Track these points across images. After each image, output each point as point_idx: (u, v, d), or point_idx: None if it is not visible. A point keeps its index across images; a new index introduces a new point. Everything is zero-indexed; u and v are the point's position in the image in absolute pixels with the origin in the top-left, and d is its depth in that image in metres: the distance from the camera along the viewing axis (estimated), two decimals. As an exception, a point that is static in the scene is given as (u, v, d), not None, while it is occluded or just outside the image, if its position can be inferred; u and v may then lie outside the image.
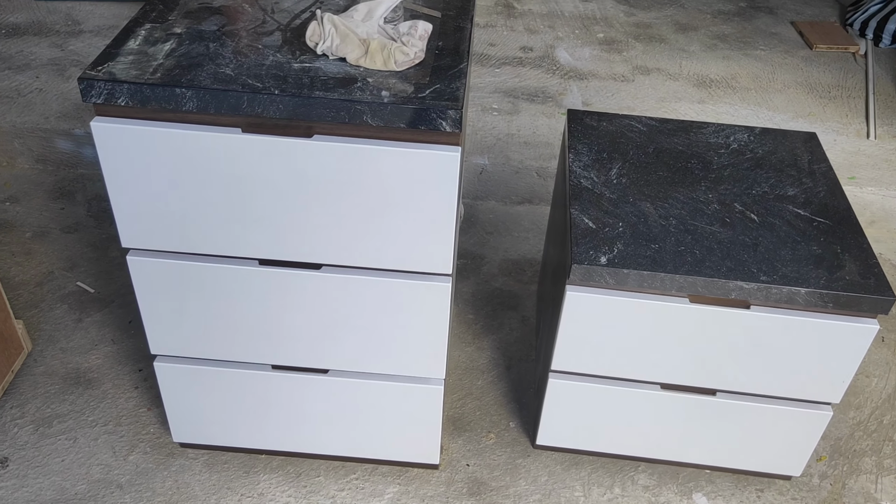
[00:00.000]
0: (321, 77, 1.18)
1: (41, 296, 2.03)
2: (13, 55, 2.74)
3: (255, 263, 1.34)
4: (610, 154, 1.63)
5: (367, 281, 1.33)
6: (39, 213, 2.30)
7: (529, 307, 2.08)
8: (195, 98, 1.15)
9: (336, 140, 1.18)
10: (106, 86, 1.14)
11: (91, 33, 2.91)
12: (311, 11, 1.35)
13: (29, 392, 1.78)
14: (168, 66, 1.18)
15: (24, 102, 2.51)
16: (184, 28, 1.29)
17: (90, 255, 2.17)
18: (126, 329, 1.95)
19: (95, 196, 2.38)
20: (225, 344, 1.45)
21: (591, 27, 3.23)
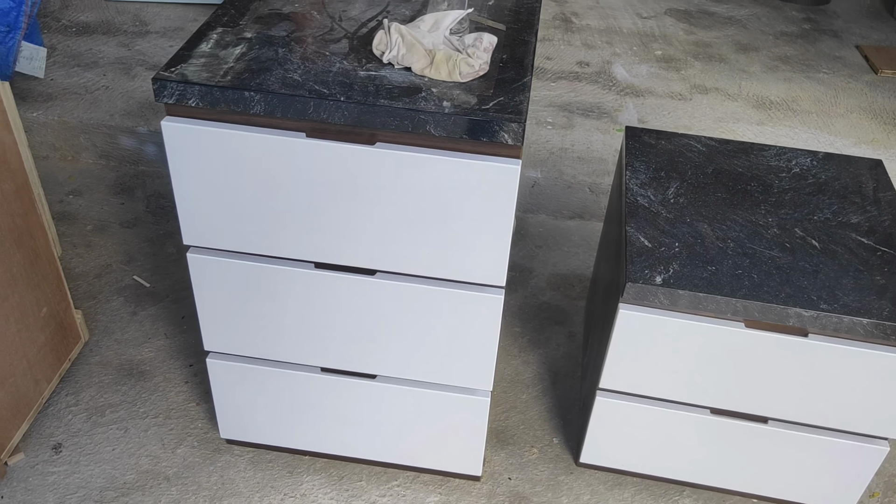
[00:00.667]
0: (386, 86, 1.19)
1: (99, 287, 2.09)
2: (82, 53, 2.83)
3: (311, 266, 1.36)
4: (668, 173, 1.62)
5: (421, 289, 1.34)
6: (100, 207, 2.36)
7: (577, 323, 2.07)
8: (263, 102, 1.17)
9: (398, 148, 1.19)
10: (178, 87, 1.17)
11: (157, 34, 2.98)
12: (378, 20, 1.37)
13: (84, 381, 1.83)
14: (238, 70, 1.21)
15: (91, 99, 2.58)
16: (254, 33, 1.31)
17: (147, 250, 2.22)
18: (179, 324, 1.99)
19: (154, 193, 2.43)
20: (276, 344, 1.47)
21: (649, 44, 3.21)
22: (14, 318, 1.59)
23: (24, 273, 1.61)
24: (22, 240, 1.59)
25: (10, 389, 1.60)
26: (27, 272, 1.62)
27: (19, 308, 1.60)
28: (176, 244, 2.24)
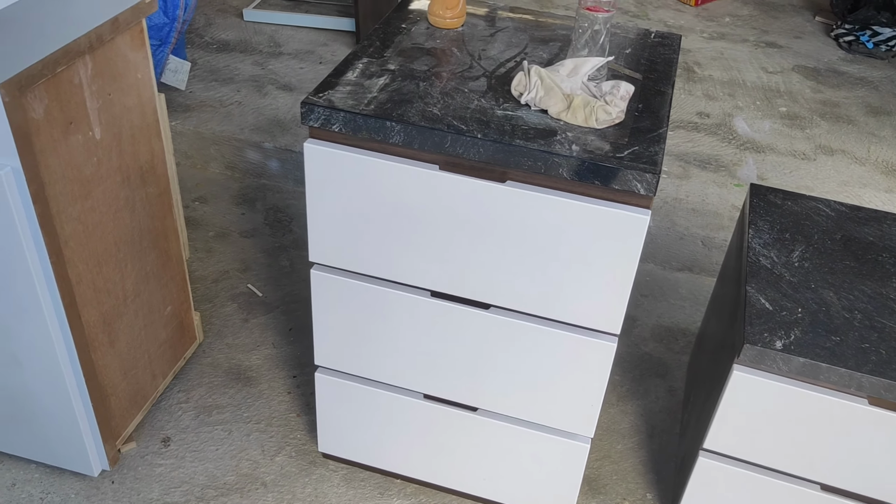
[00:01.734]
0: (522, 126, 1.22)
1: (216, 292, 2.19)
2: (220, 69, 3.00)
3: (428, 294, 1.39)
4: (793, 235, 1.57)
5: (533, 328, 1.34)
6: (223, 216, 2.48)
7: (679, 378, 2.02)
8: (403, 132, 1.21)
9: (528, 188, 1.21)
10: (324, 112, 1.23)
11: (289, 56, 3.13)
12: (516, 61, 1.40)
13: (195, 380, 1.91)
14: (381, 100, 1.26)
15: (224, 113, 2.73)
16: (397, 65, 1.37)
17: (262, 260, 2.31)
18: (286, 335, 2.06)
19: (273, 206, 2.54)
20: (384, 366, 1.50)
21: (773, 99, 3.14)
22: (142, 314, 1.69)
23: (156, 272, 1.71)
24: (157, 241, 1.69)
25: (131, 380, 1.70)
26: (158, 272, 1.72)
27: (147, 305, 1.70)
28: (290, 258, 2.33)
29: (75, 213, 1.41)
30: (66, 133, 1.34)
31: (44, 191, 1.31)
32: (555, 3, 3.78)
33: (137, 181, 1.58)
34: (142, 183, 1.59)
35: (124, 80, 1.47)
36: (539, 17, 1.59)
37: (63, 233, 1.38)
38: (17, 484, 1.64)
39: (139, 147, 1.56)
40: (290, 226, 2.46)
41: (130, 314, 1.65)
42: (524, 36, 1.50)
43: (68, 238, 1.40)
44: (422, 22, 1.52)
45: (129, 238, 1.58)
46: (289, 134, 2.65)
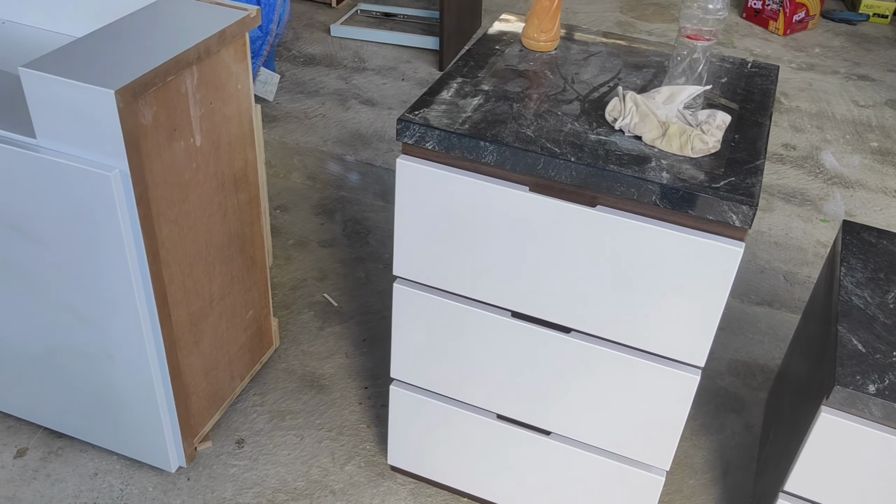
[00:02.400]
0: (616, 151, 1.21)
1: (293, 299, 2.23)
2: (306, 82, 3.08)
3: (508, 315, 1.39)
4: (888, 276, 1.52)
5: (614, 355, 1.33)
6: (302, 225, 2.54)
7: (756, 415, 1.96)
8: (496, 153, 1.22)
9: (619, 214, 1.20)
10: (419, 129, 1.26)
11: (373, 71, 3.19)
12: (610, 86, 1.40)
13: (270, 384, 1.95)
14: (475, 120, 1.27)
15: (309, 124, 2.80)
16: (491, 86, 1.38)
17: (339, 270, 2.35)
18: (359, 346, 2.09)
19: (351, 218, 2.58)
20: (459, 383, 1.51)
21: (864, 134, 3.04)
22: (226, 317, 1.74)
23: (241, 277, 1.76)
24: (244, 247, 1.74)
25: (211, 381, 1.74)
26: (243, 277, 1.77)
27: (231, 308, 1.75)
28: (365, 269, 2.36)
29: (173, 215, 1.46)
30: (171, 139, 1.40)
31: (147, 193, 1.37)
32: (637, 27, 3.76)
33: (231, 187, 1.63)
34: (234, 189, 1.65)
35: (226, 90, 1.52)
36: (632, 42, 1.58)
37: (161, 234, 1.44)
38: (99, 474, 1.71)
39: (234, 155, 1.61)
40: (367, 238, 2.49)
41: (215, 316, 1.69)
42: (617, 61, 1.50)
43: (165, 239, 1.45)
44: (515, 44, 1.54)
45: (219, 242, 1.64)
46: (370, 148, 2.69)
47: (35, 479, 1.68)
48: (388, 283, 2.31)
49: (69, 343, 1.56)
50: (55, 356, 1.60)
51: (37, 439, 1.76)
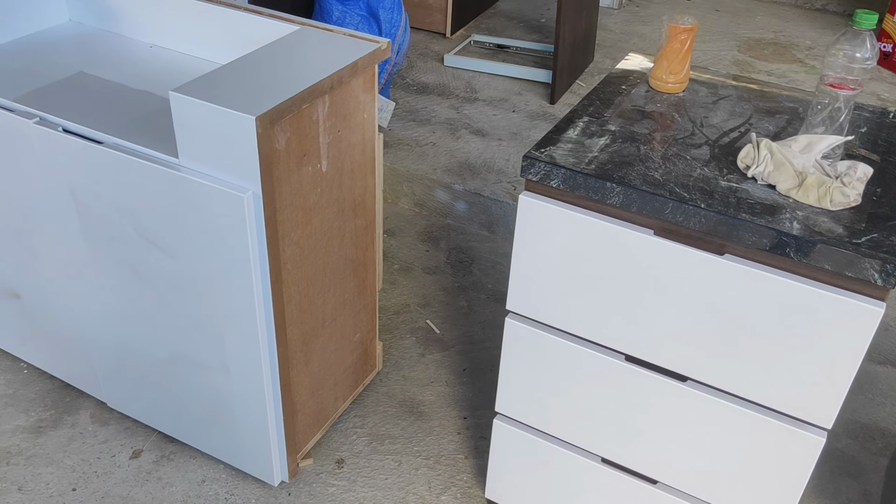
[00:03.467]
0: (748, 200, 1.18)
1: (396, 324, 2.26)
2: (419, 110, 3.14)
3: (622, 358, 1.36)
4: None
5: (733, 409, 1.28)
6: (408, 250, 2.57)
7: (874, 482, 1.85)
8: (622, 195, 1.21)
9: (748, 264, 1.16)
10: (545, 167, 1.26)
11: (484, 102, 3.22)
12: (740, 132, 1.37)
13: (371, 407, 1.98)
14: (602, 160, 1.26)
15: (419, 152, 2.85)
16: (617, 126, 1.37)
17: (442, 298, 2.37)
18: (460, 375, 2.09)
19: (456, 246, 2.60)
20: (565, 423, 1.49)
21: None
22: (335, 338, 1.78)
23: (352, 300, 1.79)
24: (357, 270, 1.78)
25: (317, 399, 1.78)
26: (354, 300, 1.80)
27: (340, 330, 1.79)
28: (468, 299, 2.37)
29: (296, 237, 1.51)
30: (300, 164, 1.45)
31: (275, 215, 1.42)
32: (755, 67, 3.66)
33: (350, 213, 1.67)
34: (353, 215, 1.69)
35: (353, 119, 1.57)
36: (764, 87, 1.54)
37: (284, 255, 1.49)
38: (206, 481, 1.76)
39: (356, 181, 1.66)
40: (471, 268, 2.51)
41: (325, 337, 1.73)
42: (748, 106, 1.46)
43: (287, 260, 1.50)
44: (641, 84, 1.52)
45: (334, 265, 1.68)
46: (478, 178, 2.71)
47: (147, 482, 1.75)
48: (490, 313, 2.31)
49: (190, 353, 1.63)
50: (176, 364, 1.67)
51: (151, 442, 1.84)
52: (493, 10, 4.14)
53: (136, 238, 1.52)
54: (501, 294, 2.40)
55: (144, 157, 1.42)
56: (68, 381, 1.93)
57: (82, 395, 1.94)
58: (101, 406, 1.91)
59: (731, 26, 4.09)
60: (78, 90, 1.63)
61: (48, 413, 1.89)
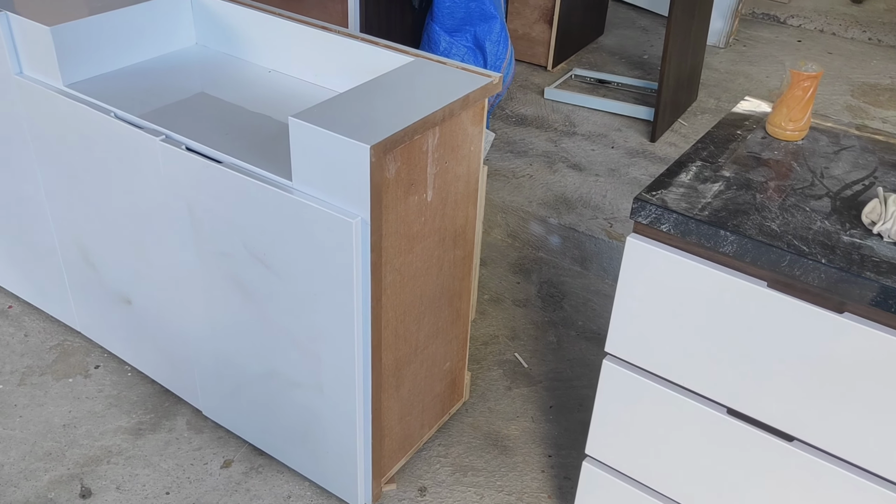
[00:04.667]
0: (873, 258, 1.13)
1: (484, 354, 2.26)
2: (516, 141, 3.15)
3: (724, 411, 1.32)
4: None
5: (843, 475, 1.22)
6: (498, 281, 2.57)
7: None
8: (736, 244, 1.18)
9: (870, 325, 1.11)
10: (656, 210, 1.24)
11: (582, 136, 3.21)
12: (864, 184, 1.31)
13: (456, 437, 1.97)
14: (715, 207, 1.24)
15: (515, 184, 2.85)
16: (732, 173, 1.34)
17: (531, 332, 2.35)
18: (546, 412, 2.07)
19: (548, 280, 2.58)
20: (658, 472, 1.45)
21: None
22: (426, 366, 1.79)
23: (445, 329, 1.80)
24: (452, 300, 1.79)
25: (404, 425, 1.79)
26: (447, 328, 1.81)
27: (432, 357, 1.80)
28: (557, 334, 2.35)
29: (397, 264, 1.53)
30: (407, 193, 1.48)
31: (380, 242, 1.44)
32: (870, 114, 3.52)
33: (450, 243, 1.69)
34: (453, 245, 1.70)
35: (460, 150, 1.59)
36: (890, 138, 1.48)
37: (385, 280, 1.51)
38: (292, 497, 1.79)
39: (458, 212, 1.67)
40: (562, 303, 2.48)
41: (417, 364, 1.75)
42: (872, 158, 1.40)
43: (387, 286, 1.53)
44: (757, 130, 1.48)
45: (431, 293, 1.69)
46: (573, 213, 2.70)
47: (236, 492, 1.79)
48: (579, 351, 2.28)
49: (286, 370, 1.67)
50: (271, 379, 1.71)
51: (242, 454, 1.89)
52: (596, 45, 4.13)
53: (245, 255, 1.57)
54: (592, 332, 2.36)
55: (260, 178, 1.48)
56: (168, 386, 2.01)
57: (180, 402, 2.01)
58: (196, 414, 1.98)
59: (845, 70, 3.95)
60: (199, 110, 1.71)
61: (148, 416, 1.97)
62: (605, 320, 2.41)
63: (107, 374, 2.09)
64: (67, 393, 2.02)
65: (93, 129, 1.69)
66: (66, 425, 1.94)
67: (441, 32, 2.68)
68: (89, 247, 1.92)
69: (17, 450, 1.87)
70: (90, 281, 1.99)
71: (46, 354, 2.14)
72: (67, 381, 2.06)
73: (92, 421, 1.95)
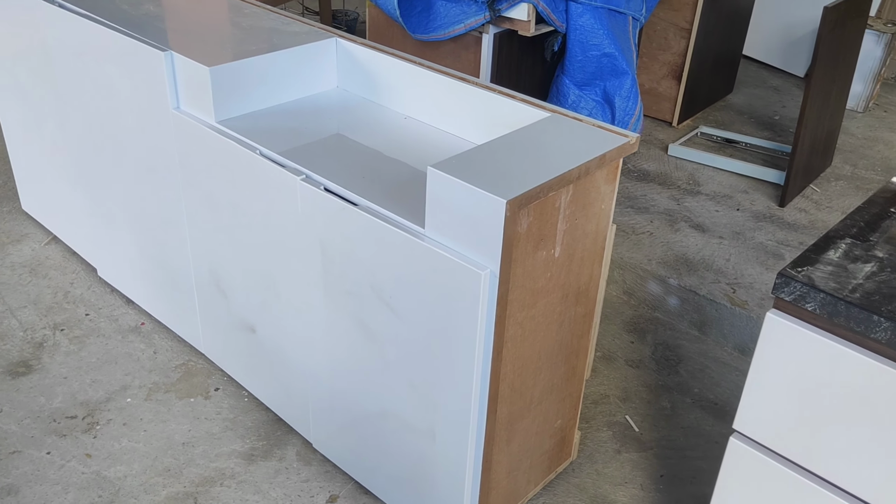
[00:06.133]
0: None
1: (594, 414, 2.20)
2: (637, 197, 3.10)
3: (863, 507, 1.23)
4: None
5: None
6: (612, 339, 2.52)
7: None
8: (891, 331, 1.11)
9: None
10: (801, 288, 1.18)
11: (706, 196, 3.13)
12: None
13: (561, 497, 1.93)
14: (868, 289, 1.17)
15: (635, 240, 2.80)
16: (885, 253, 1.27)
17: (643, 395, 2.28)
18: (656, 481, 1.99)
19: (663, 342, 2.51)
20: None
21: None
22: (538, 422, 1.76)
23: (559, 385, 1.78)
24: (569, 357, 1.76)
25: (511, 480, 1.77)
26: (561, 385, 1.78)
27: (544, 414, 1.77)
28: (671, 400, 2.27)
29: (520, 318, 1.53)
30: (536, 248, 1.47)
31: (507, 295, 1.44)
32: None
33: (572, 299, 1.67)
34: (575, 301, 1.68)
35: (591, 208, 1.58)
36: None
37: (507, 334, 1.51)
38: (394, 540, 1.79)
39: (583, 269, 1.65)
40: (678, 367, 2.40)
41: (529, 419, 1.72)
42: None
43: (509, 339, 1.52)
44: (913, 208, 1.40)
45: (549, 349, 1.67)
46: (695, 275, 2.62)
47: (340, 528, 1.81)
48: (694, 420, 2.20)
49: (400, 412, 1.68)
50: (384, 420, 1.73)
51: (347, 490, 1.91)
52: (723, 103, 4.04)
53: (372, 296, 1.61)
54: (709, 401, 2.27)
55: (393, 223, 1.51)
56: (281, 415, 2.07)
57: (292, 432, 2.06)
58: (306, 445, 2.02)
59: None
60: (336, 151, 1.78)
61: (261, 443, 2.03)
62: (724, 390, 2.32)
63: (225, 398, 2.17)
64: (188, 412, 2.11)
65: (239, 163, 1.78)
66: (186, 443, 2.02)
67: (571, 85, 2.69)
68: (222, 274, 2.01)
69: (140, 463, 1.96)
70: (219, 306, 2.08)
71: (172, 373, 2.24)
72: (189, 401, 2.15)
73: (209, 442, 2.02)
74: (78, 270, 2.64)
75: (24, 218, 2.90)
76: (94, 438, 2.02)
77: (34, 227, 2.85)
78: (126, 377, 2.22)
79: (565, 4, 2.56)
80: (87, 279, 2.60)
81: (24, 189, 2.83)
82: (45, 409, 2.10)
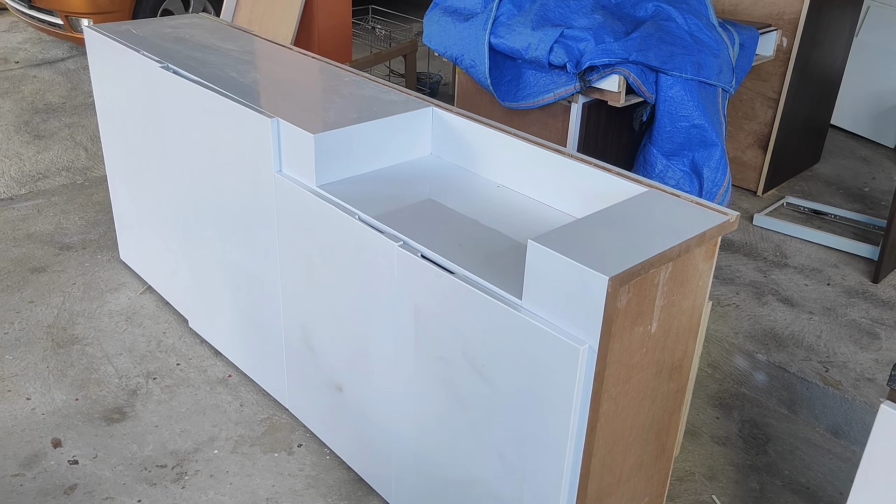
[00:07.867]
0: None
1: (679, 491, 2.14)
2: (722, 267, 3.05)
3: None
4: None
5: None
6: (696, 413, 2.45)
7: None
8: None
9: None
10: (920, 381, 1.14)
11: (794, 269, 3.05)
12: None
13: (646, 578, 1.87)
14: None
15: (720, 312, 2.75)
16: None
17: (730, 474, 2.21)
18: (746, 568, 1.91)
19: (751, 420, 2.43)
20: None
21: None
22: (625, 498, 1.72)
23: (648, 462, 1.74)
24: (659, 434, 1.73)
25: (596, 558, 1.72)
26: (650, 462, 1.74)
27: (632, 491, 1.73)
28: (760, 481, 2.19)
29: (615, 393, 1.51)
30: (633, 324, 1.47)
31: (604, 370, 1.44)
32: None
33: (665, 376, 1.64)
34: (668, 377, 1.66)
35: (688, 285, 1.57)
36: None
37: (601, 409, 1.49)
38: None
39: (678, 345, 1.63)
40: (766, 447, 2.32)
41: (617, 495, 1.69)
42: None
43: (602, 414, 1.50)
44: None
45: (640, 425, 1.65)
46: (784, 351, 2.55)
47: None
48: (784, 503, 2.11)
49: (487, 481, 1.67)
50: (470, 487, 1.72)
51: (428, 557, 1.89)
52: (810, 173, 3.97)
53: (464, 363, 1.62)
54: (800, 485, 2.18)
55: (490, 293, 1.53)
56: (363, 475, 2.07)
57: (372, 493, 2.07)
58: (387, 507, 2.02)
59: None
60: (431, 218, 1.82)
61: (342, 502, 2.04)
62: (816, 473, 2.22)
63: (308, 454, 2.19)
64: (272, 467, 2.14)
65: (337, 227, 1.84)
66: (269, 499, 2.04)
67: (658, 155, 2.70)
68: (312, 331, 2.06)
69: (225, 516, 1.99)
70: (307, 363, 2.13)
71: (257, 426, 2.29)
72: (273, 456, 2.18)
73: (292, 498, 2.04)
74: (170, 320, 2.74)
75: (121, 267, 3.04)
76: (183, 489, 2.06)
77: (130, 277, 2.98)
78: (213, 428, 2.27)
79: (655, 76, 2.58)
80: (178, 329, 2.69)
81: (123, 240, 2.97)
82: (137, 457, 2.16)
